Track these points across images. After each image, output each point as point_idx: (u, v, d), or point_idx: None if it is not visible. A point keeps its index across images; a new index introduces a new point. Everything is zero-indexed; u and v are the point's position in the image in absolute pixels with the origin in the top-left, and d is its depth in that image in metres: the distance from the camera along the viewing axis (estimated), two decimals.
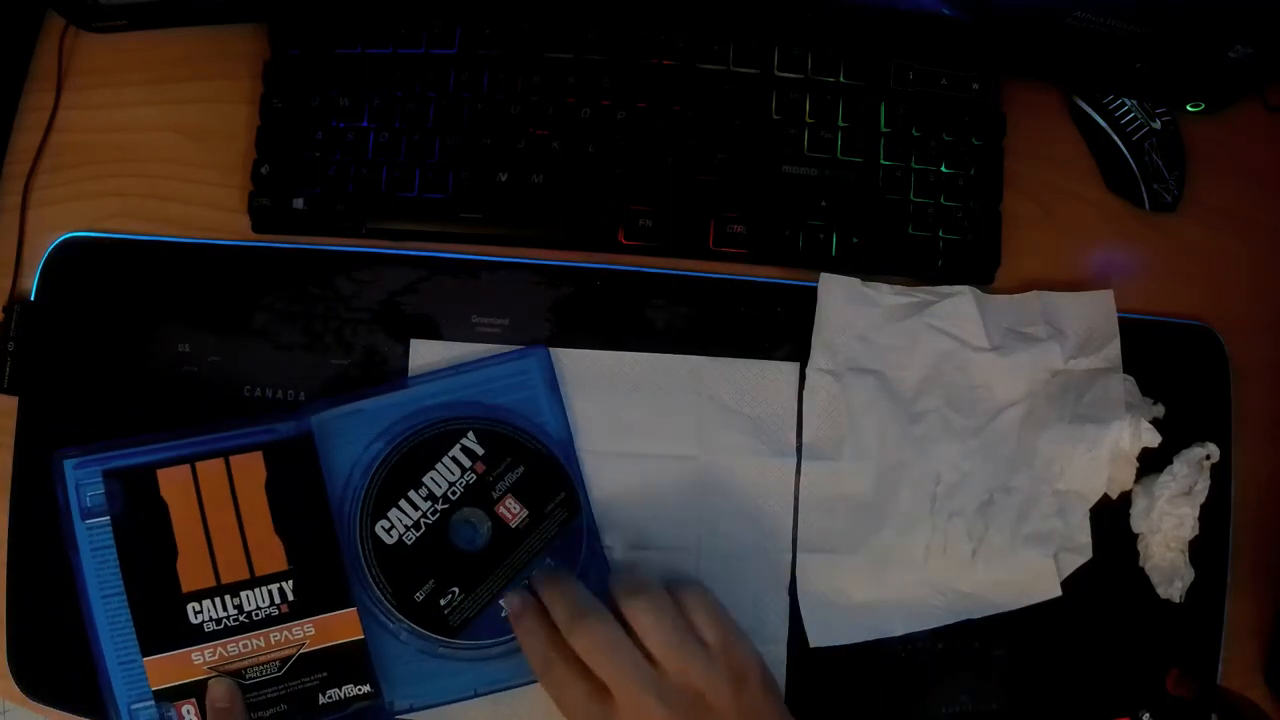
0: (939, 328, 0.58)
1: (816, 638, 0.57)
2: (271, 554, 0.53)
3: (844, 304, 0.58)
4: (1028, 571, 0.57)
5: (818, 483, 0.58)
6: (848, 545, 0.58)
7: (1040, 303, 0.59)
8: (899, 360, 0.59)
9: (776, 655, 0.57)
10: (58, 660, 0.58)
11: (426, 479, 0.55)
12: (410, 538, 0.54)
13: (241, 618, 0.53)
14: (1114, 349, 0.58)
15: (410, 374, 0.58)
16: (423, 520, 0.54)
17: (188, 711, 0.52)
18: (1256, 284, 0.63)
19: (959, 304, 0.58)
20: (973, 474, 0.58)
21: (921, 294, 0.59)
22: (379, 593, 0.54)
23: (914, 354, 0.58)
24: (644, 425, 0.58)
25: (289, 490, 0.54)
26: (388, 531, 0.54)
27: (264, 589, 0.53)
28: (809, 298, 0.59)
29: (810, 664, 0.57)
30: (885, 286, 0.59)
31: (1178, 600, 0.58)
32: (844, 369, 0.58)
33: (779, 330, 0.59)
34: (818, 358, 0.58)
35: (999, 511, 0.58)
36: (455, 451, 0.55)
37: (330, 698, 0.53)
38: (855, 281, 0.58)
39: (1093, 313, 0.59)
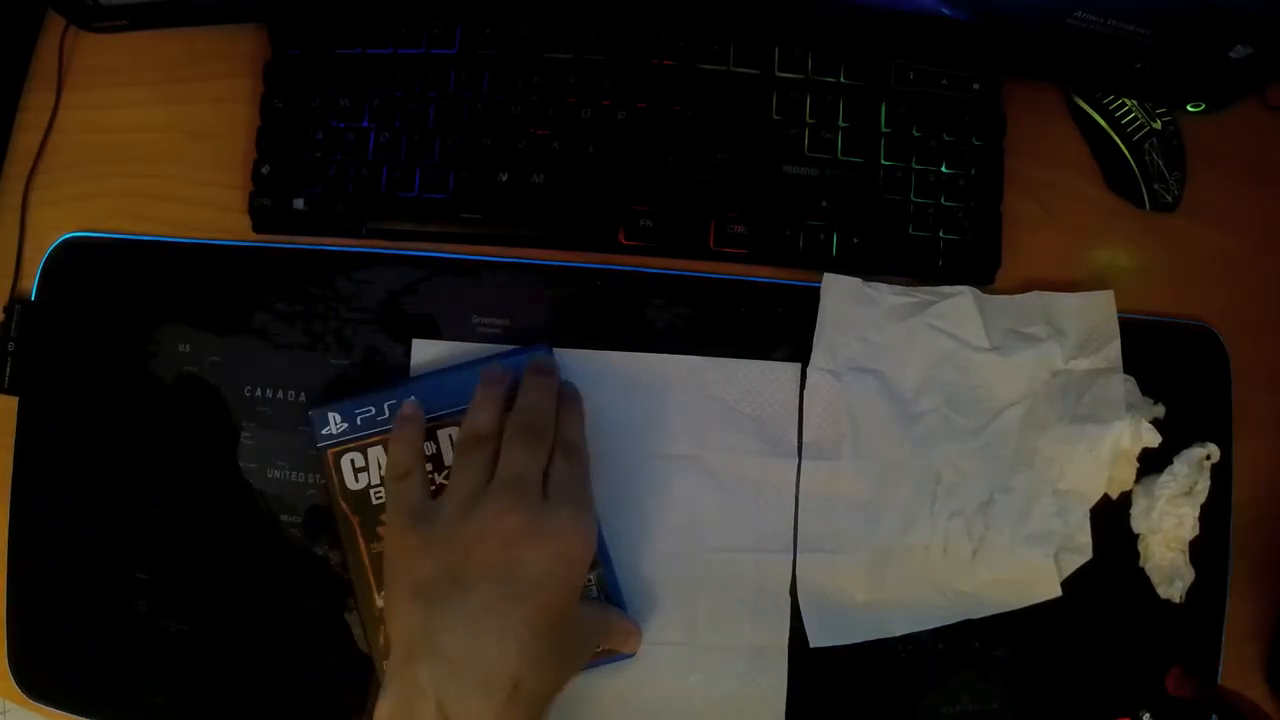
0: (939, 328, 0.58)
1: (817, 638, 0.57)
2: None
3: (846, 304, 0.58)
4: (1028, 571, 0.57)
5: (818, 482, 0.58)
6: (848, 545, 0.58)
7: (1040, 303, 0.59)
8: (899, 360, 0.59)
9: (777, 655, 0.57)
10: (58, 660, 0.58)
11: None
12: None
13: None
14: (1114, 349, 0.58)
15: (412, 371, 0.58)
16: None
17: None
18: (1256, 284, 0.63)
19: (959, 304, 0.58)
20: (973, 474, 0.58)
21: (922, 294, 0.59)
22: None
23: (914, 354, 0.58)
24: (644, 425, 0.58)
25: None
26: None
27: None
28: (809, 298, 0.59)
29: (811, 664, 0.57)
30: (886, 287, 0.59)
31: (1178, 600, 0.58)
32: (845, 369, 0.58)
33: (779, 330, 0.59)
34: (819, 357, 0.58)
35: (999, 511, 0.57)
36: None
37: None
38: (857, 282, 0.58)
39: (1093, 313, 0.59)
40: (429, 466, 0.53)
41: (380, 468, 0.53)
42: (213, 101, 0.61)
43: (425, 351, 0.58)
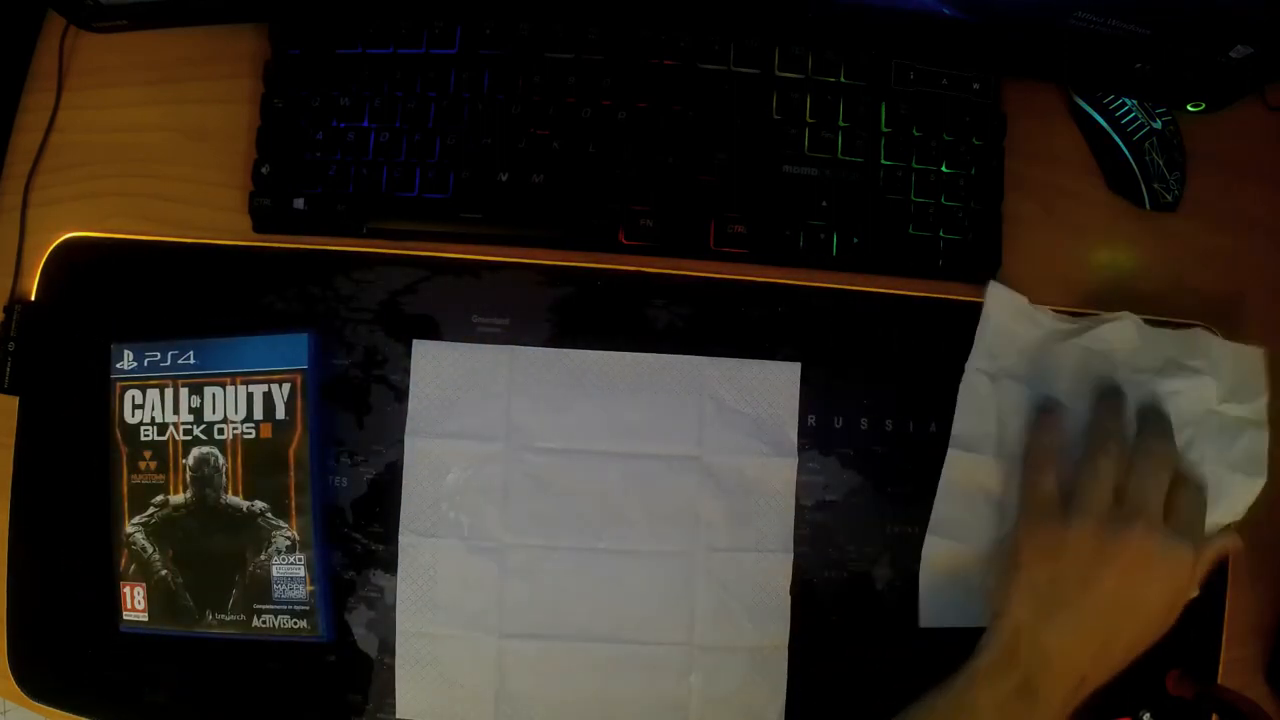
0: (1098, 350, 0.58)
1: (928, 618, 0.58)
2: None
3: (1009, 318, 0.58)
4: None
5: (959, 470, 0.58)
6: (974, 535, 0.58)
7: (1199, 339, 0.59)
8: (1054, 374, 0.58)
9: (777, 655, 0.57)
10: (58, 660, 0.58)
11: None
12: None
13: None
14: (1262, 404, 0.58)
15: (413, 376, 0.58)
16: None
17: None
18: (1256, 284, 0.63)
19: (1120, 329, 0.58)
20: None
21: (1084, 321, 0.58)
22: None
23: (1070, 370, 0.58)
24: (644, 425, 0.58)
25: None
26: None
27: None
28: (809, 298, 0.59)
29: (811, 664, 0.57)
30: (1050, 311, 0.59)
31: None
32: (1001, 374, 0.58)
33: (779, 330, 0.59)
34: (978, 359, 0.58)
35: None
36: None
37: None
38: (1022, 300, 0.58)
39: (1244, 364, 0.59)
40: (189, 418, 0.56)
41: (155, 409, 0.56)
42: (213, 101, 0.61)
43: (425, 351, 0.58)
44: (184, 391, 0.57)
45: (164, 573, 0.56)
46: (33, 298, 0.59)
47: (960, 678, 0.50)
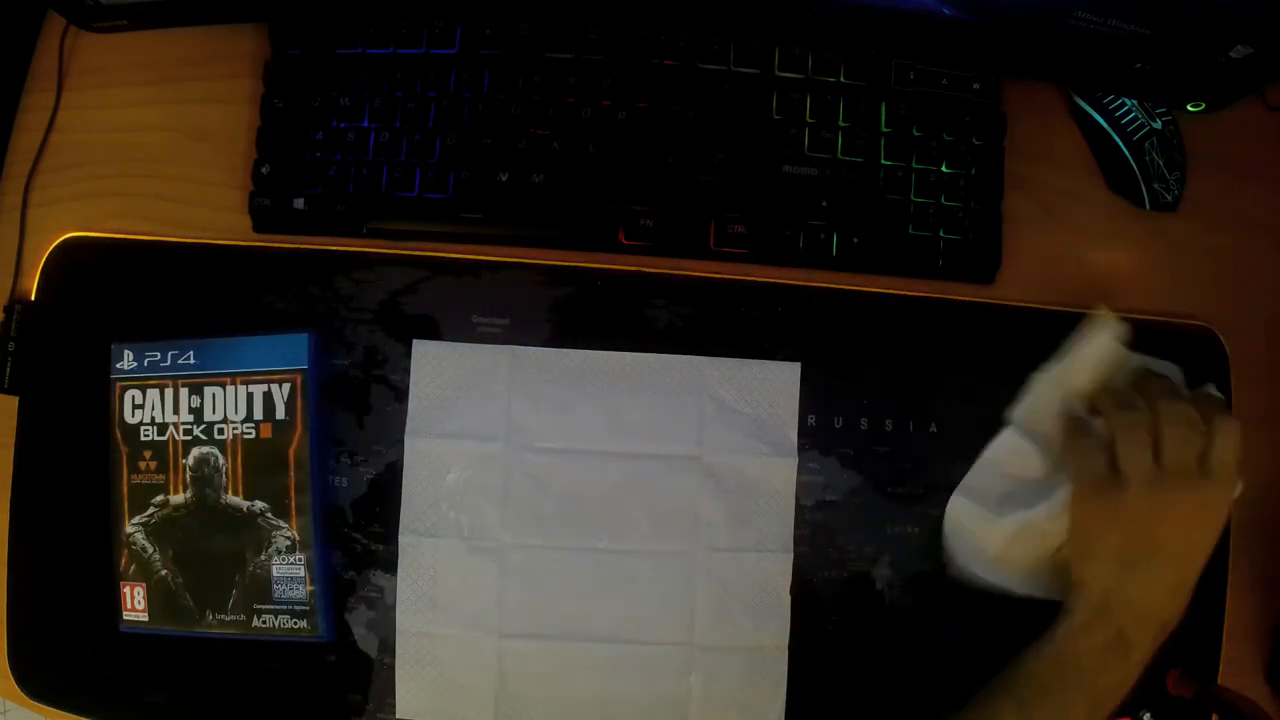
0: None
1: (955, 570, 0.58)
2: None
3: (1103, 352, 0.57)
4: None
5: (1006, 451, 0.58)
6: (999, 509, 0.57)
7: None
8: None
9: (777, 655, 0.57)
10: (58, 660, 0.58)
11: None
12: None
13: None
14: None
15: (413, 376, 0.58)
16: None
17: None
18: (1256, 284, 0.63)
19: (1168, 369, 0.58)
20: None
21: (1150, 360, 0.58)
22: None
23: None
24: (644, 425, 0.58)
25: None
26: None
27: None
28: (810, 298, 0.59)
29: (811, 664, 0.58)
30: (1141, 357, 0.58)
31: None
32: (1073, 394, 0.58)
33: (779, 330, 0.59)
34: (1061, 370, 0.57)
35: None
36: None
37: None
38: (1123, 350, 0.58)
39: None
40: (189, 418, 0.56)
41: (155, 409, 0.57)
42: (213, 101, 0.61)
43: (425, 351, 0.58)
44: (184, 391, 0.57)
45: (164, 573, 0.56)
46: (33, 298, 0.59)
47: (1055, 638, 0.54)
